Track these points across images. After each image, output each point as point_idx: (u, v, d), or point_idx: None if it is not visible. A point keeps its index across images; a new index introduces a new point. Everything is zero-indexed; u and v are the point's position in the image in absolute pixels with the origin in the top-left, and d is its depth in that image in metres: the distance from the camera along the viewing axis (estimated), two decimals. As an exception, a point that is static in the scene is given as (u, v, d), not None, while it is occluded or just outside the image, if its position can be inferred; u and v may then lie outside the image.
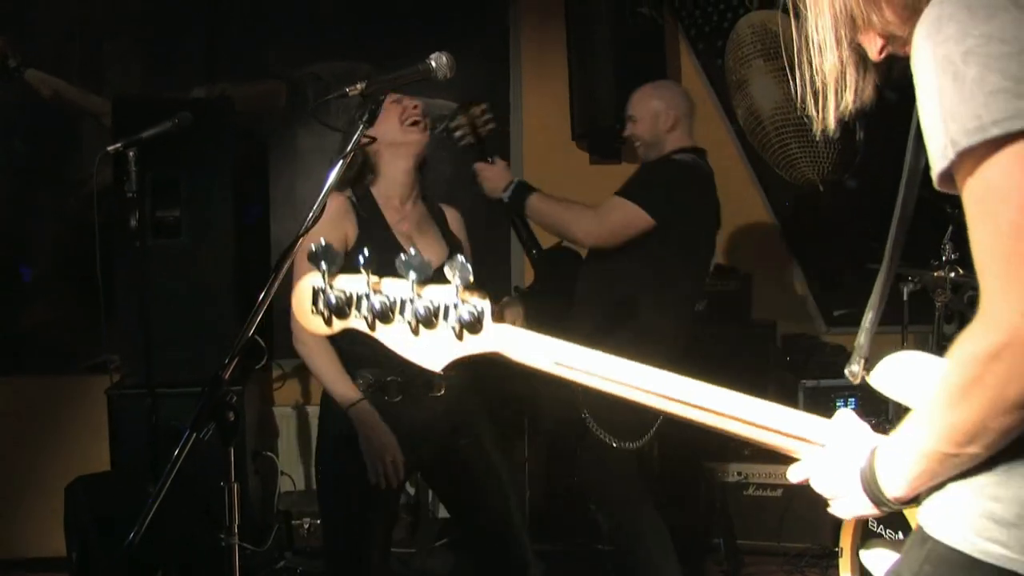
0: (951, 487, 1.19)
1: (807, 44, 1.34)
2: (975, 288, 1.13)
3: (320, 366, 2.64)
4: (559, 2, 4.58)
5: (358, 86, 2.12)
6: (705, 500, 4.15)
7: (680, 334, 3.37)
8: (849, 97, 1.34)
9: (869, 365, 1.46)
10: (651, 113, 3.49)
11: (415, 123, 2.78)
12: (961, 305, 3.64)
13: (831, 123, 1.35)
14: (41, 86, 4.43)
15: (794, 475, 1.35)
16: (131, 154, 2.87)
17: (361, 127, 2.10)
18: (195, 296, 3.91)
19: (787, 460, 1.37)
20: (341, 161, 2.06)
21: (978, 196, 1.08)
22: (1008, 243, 1.05)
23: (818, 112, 1.36)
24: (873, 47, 1.31)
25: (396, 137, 2.73)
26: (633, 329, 3.20)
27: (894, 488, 1.22)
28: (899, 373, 1.35)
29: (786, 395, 4.26)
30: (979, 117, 1.06)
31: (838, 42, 1.31)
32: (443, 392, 2.73)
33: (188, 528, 3.29)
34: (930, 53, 1.12)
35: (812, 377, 4.25)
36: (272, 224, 4.56)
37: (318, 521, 4.15)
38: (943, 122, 1.10)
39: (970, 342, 1.08)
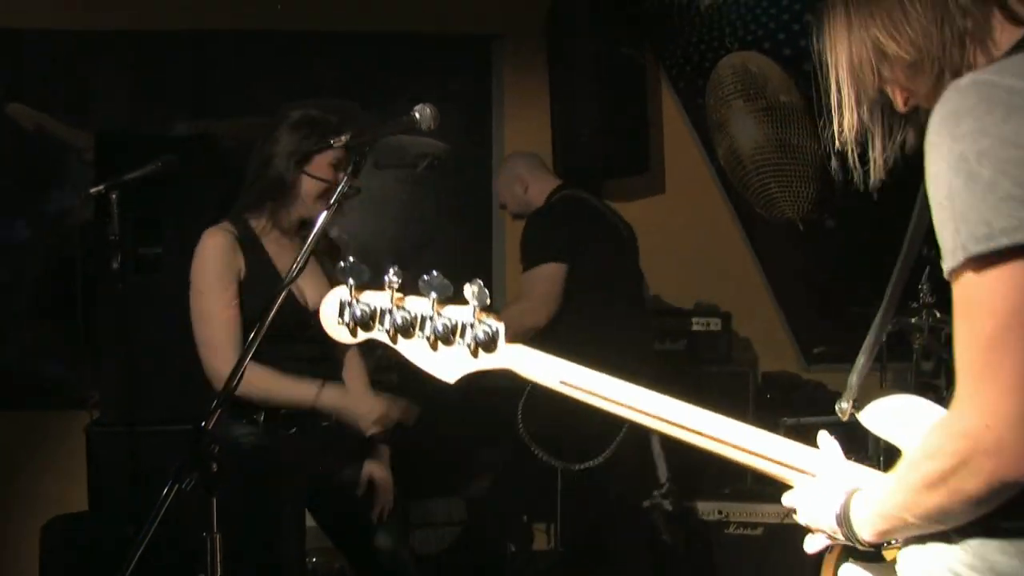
0: (930, 547, 1.26)
1: (830, 102, 1.38)
2: (950, 325, 1.19)
3: (265, 386, 2.61)
4: (541, 43, 4.62)
5: (342, 138, 2.14)
6: (683, 538, 4.15)
7: (631, 358, 3.45)
8: (877, 153, 1.38)
9: (858, 404, 1.52)
10: (509, 192, 3.87)
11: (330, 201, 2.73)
12: (938, 346, 3.68)
13: (874, 178, 1.39)
14: (23, 120, 4.43)
15: (786, 501, 1.45)
16: (114, 196, 2.87)
17: (345, 179, 2.11)
18: (176, 333, 3.88)
19: (767, 500, 1.43)
20: (325, 212, 2.08)
21: (967, 298, 1.12)
22: (984, 355, 1.10)
23: (856, 167, 1.41)
24: (897, 99, 1.35)
25: (306, 198, 2.70)
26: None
27: (866, 534, 1.31)
28: (889, 415, 1.44)
29: (766, 433, 4.28)
30: (989, 224, 1.09)
31: (857, 101, 1.34)
32: (331, 421, 2.78)
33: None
34: (946, 148, 1.14)
35: (792, 415, 4.28)
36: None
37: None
38: (954, 221, 1.13)
39: (942, 437, 1.15)
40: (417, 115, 2.18)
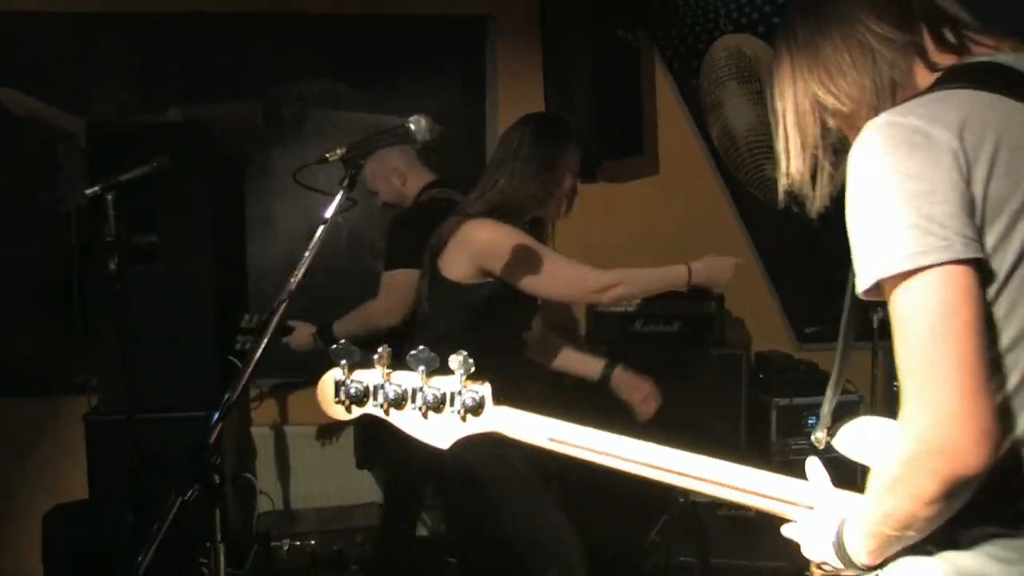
0: (903, 559, 1.34)
1: (782, 144, 1.49)
2: None
3: (642, 279, 3.05)
4: (535, 24, 4.60)
5: (338, 152, 2.14)
6: (677, 518, 4.21)
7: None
8: (822, 186, 1.49)
9: (832, 431, 1.58)
10: (385, 183, 3.84)
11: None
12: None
13: (816, 208, 1.50)
14: (14, 106, 4.41)
15: (787, 534, 1.51)
16: (109, 197, 2.86)
17: (342, 192, 2.12)
18: (174, 321, 3.92)
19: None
20: (322, 227, 2.09)
21: (896, 316, 1.23)
22: (917, 362, 1.21)
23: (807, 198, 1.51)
24: (850, 135, 1.43)
25: (556, 208, 3.04)
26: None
27: (862, 558, 1.36)
28: (858, 438, 1.50)
29: (759, 413, 4.33)
30: (896, 249, 1.21)
31: (803, 146, 1.45)
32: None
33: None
34: (859, 180, 1.27)
35: (784, 395, 4.32)
36: (249, 246, 4.56)
37: (297, 542, 4.19)
38: (866, 247, 1.26)
39: (895, 444, 1.23)
40: (412, 126, 2.19)
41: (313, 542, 4.22)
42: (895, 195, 1.22)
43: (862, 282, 1.26)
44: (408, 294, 3.46)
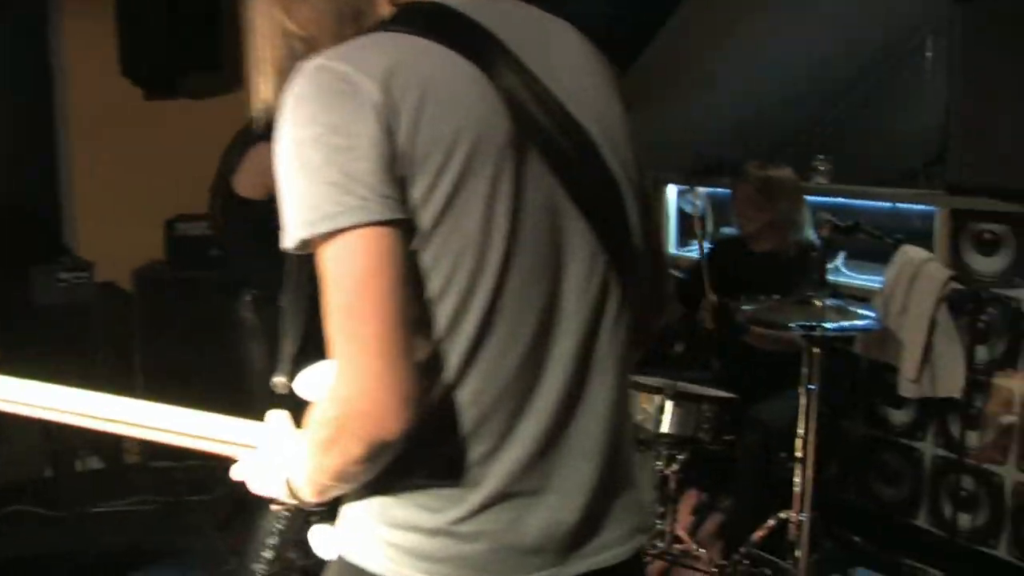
0: (351, 509, 1.33)
1: (256, 67, 1.37)
2: None
3: None
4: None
5: None
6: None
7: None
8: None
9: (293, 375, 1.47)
10: None
11: None
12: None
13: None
14: None
15: (234, 474, 1.42)
16: None
17: None
18: None
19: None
20: None
21: (322, 274, 1.18)
22: (340, 327, 1.16)
23: None
24: None
25: None
26: None
27: (306, 497, 1.33)
28: (320, 382, 1.37)
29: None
30: (316, 208, 1.15)
31: (273, 69, 1.33)
32: None
33: None
34: (285, 129, 1.19)
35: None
36: None
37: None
38: (290, 203, 1.18)
39: (327, 404, 1.21)
40: None
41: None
42: (317, 149, 1.15)
43: (288, 240, 1.18)
44: None
